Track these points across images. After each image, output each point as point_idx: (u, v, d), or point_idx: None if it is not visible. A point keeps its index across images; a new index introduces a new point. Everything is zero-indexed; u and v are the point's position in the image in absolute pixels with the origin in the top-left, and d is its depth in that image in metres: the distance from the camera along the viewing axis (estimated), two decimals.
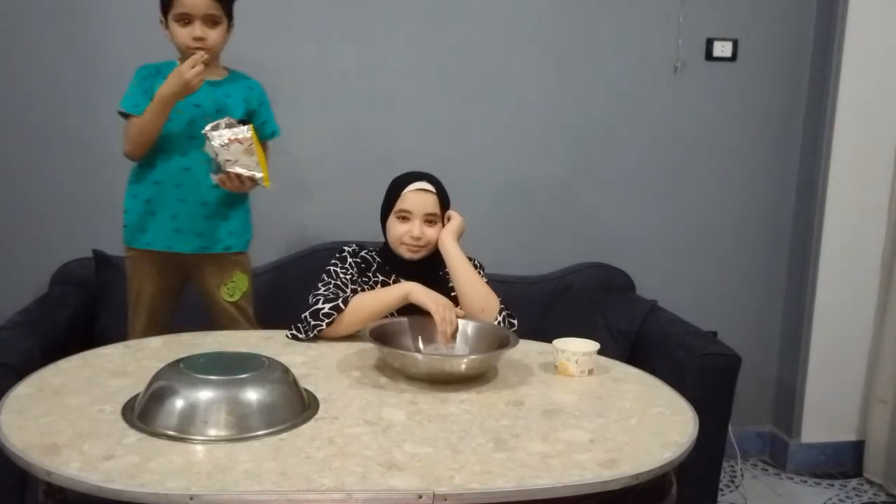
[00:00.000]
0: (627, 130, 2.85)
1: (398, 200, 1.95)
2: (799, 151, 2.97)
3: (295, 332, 1.85)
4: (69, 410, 1.41)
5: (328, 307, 1.82)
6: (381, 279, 1.98)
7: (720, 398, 2.24)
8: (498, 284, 2.01)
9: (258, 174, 1.97)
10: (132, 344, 1.85)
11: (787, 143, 2.96)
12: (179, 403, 1.34)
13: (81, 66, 2.50)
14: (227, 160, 1.93)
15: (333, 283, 1.90)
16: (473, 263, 1.97)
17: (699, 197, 2.93)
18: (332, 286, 1.89)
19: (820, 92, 2.85)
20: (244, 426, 1.33)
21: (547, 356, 1.78)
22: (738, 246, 2.99)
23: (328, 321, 1.82)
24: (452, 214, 2.00)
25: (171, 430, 1.31)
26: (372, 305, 1.85)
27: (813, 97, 2.90)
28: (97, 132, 2.45)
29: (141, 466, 1.21)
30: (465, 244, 1.97)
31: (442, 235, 1.96)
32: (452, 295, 1.93)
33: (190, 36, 1.99)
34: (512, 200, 2.82)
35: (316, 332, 1.83)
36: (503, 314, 1.90)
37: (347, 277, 1.93)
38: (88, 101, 2.49)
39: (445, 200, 2.00)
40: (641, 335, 2.52)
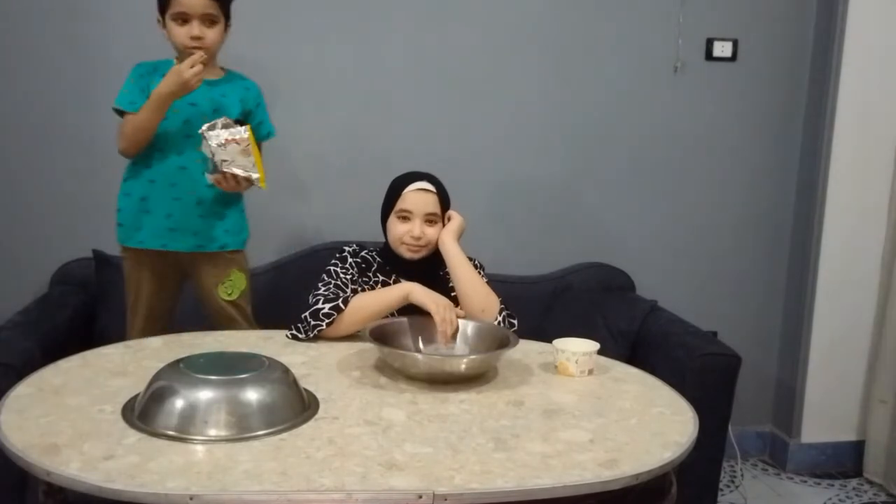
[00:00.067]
0: (627, 130, 2.85)
1: (399, 200, 1.95)
2: (799, 151, 2.97)
3: (295, 332, 1.85)
4: (69, 410, 1.41)
5: (328, 307, 1.82)
6: (381, 279, 1.98)
7: (720, 398, 2.24)
8: (498, 284, 2.01)
9: (255, 175, 1.96)
10: (132, 344, 1.85)
11: (787, 143, 2.96)
12: (179, 403, 1.34)
13: (81, 65, 2.50)
14: (223, 160, 1.93)
15: (333, 283, 1.90)
16: (473, 263, 1.97)
17: (699, 197, 2.93)
18: (332, 286, 1.89)
19: (820, 92, 2.85)
20: (244, 426, 1.33)
21: (547, 356, 1.78)
22: (738, 246, 2.99)
23: (328, 321, 1.82)
24: (453, 214, 2.00)
25: (171, 430, 1.31)
26: (372, 305, 1.85)
27: (813, 97, 2.90)
28: (97, 132, 2.45)
29: (141, 466, 1.21)
30: (465, 244, 1.97)
31: (442, 235, 1.96)
32: (452, 295, 1.93)
33: (188, 35, 1.99)
34: (512, 200, 2.82)
35: (316, 332, 1.83)
36: (503, 314, 1.90)
37: (347, 277, 1.93)
38: (88, 100, 2.49)
39: (446, 200, 2.00)
40: (641, 335, 2.52)
